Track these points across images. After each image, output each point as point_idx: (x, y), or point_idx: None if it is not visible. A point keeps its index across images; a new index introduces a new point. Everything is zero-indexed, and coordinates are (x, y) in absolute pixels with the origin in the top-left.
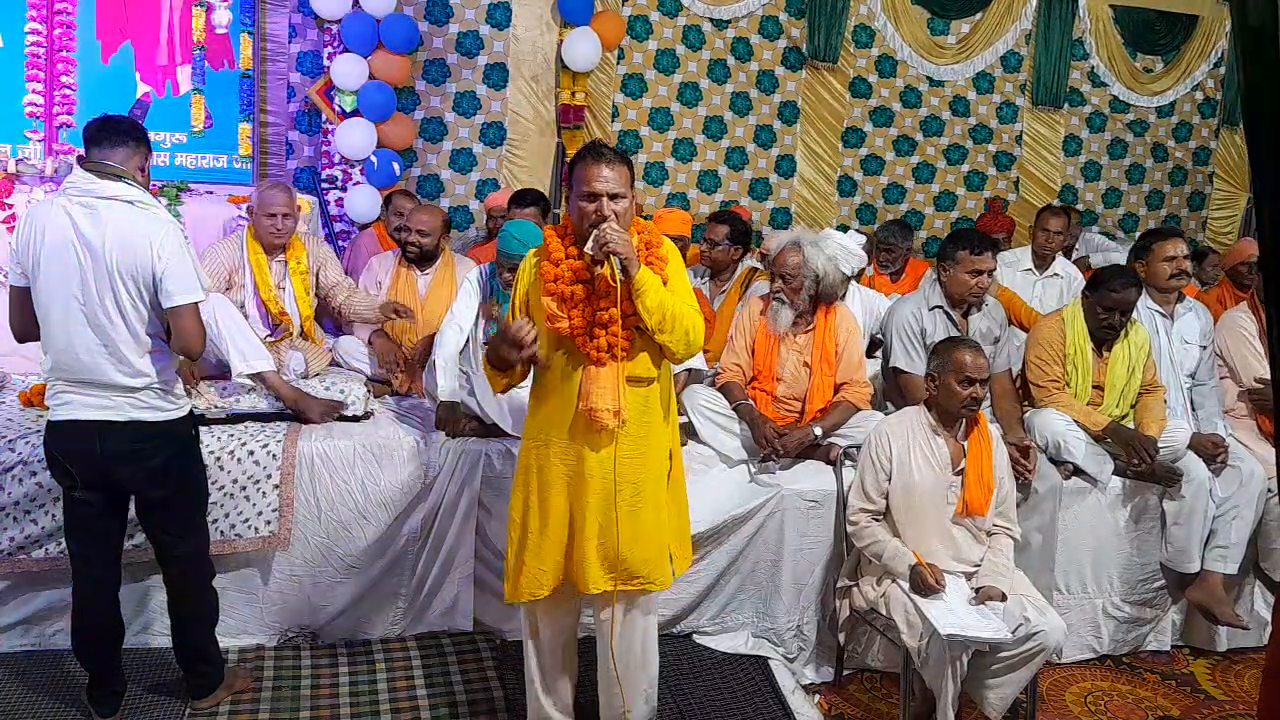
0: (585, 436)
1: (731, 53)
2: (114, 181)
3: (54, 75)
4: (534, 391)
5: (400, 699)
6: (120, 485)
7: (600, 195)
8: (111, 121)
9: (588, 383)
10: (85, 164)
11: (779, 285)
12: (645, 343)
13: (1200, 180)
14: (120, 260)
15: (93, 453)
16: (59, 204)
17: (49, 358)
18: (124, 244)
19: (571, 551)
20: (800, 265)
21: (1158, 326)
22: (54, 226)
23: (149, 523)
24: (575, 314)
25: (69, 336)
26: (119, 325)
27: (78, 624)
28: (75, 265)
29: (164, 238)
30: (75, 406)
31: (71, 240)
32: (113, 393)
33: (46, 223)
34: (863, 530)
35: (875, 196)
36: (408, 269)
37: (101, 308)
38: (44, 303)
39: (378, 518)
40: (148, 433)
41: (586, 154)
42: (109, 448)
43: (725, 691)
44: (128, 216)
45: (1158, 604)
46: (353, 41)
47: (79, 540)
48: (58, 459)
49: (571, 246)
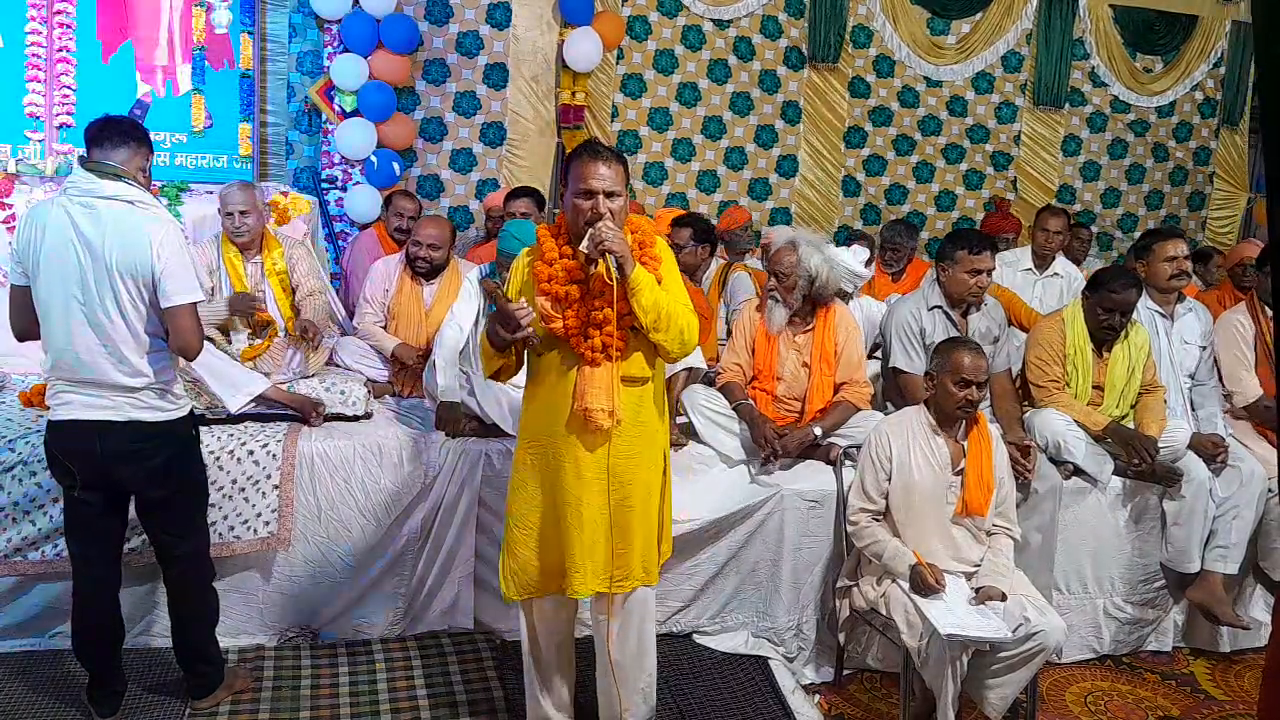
0: (580, 436)
1: (733, 52)
2: (114, 181)
3: (54, 75)
4: (528, 392)
5: (400, 699)
6: (120, 485)
7: (596, 193)
8: (113, 122)
9: (582, 383)
10: (86, 164)
11: (773, 283)
12: (640, 342)
13: (1200, 180)
14: (120, 260)
15: (93, 452)
16: (59, 203)
17: (49, 357)
18: (124, 243)
19: (564, 554)
20: (795, 265)
21: (1158, 327)
22: (54, 226)
23: (149, 523)
24: (569, 314)
25: (69, 336)
26: (119, 324)
27: (78, 624)
28: (75, 264)
29: (164, 237)
30: (75, 406)
31: (71, 239)
32: (113, 392)
33: (47, 222)
34: (863, 530)
35: (878, 197)
36: (413, 279)
37: (101, 307)
38: (44, 302)
39: (378, 518)
40: (147, 433)
41: (583, 152)
42: (109, 447)
43: (725, 691)
44: (128, 216)
45: (1159, 604)
46: (353, 41)
47: (79, 540)
48: (58, 458)
49: (565, 245)
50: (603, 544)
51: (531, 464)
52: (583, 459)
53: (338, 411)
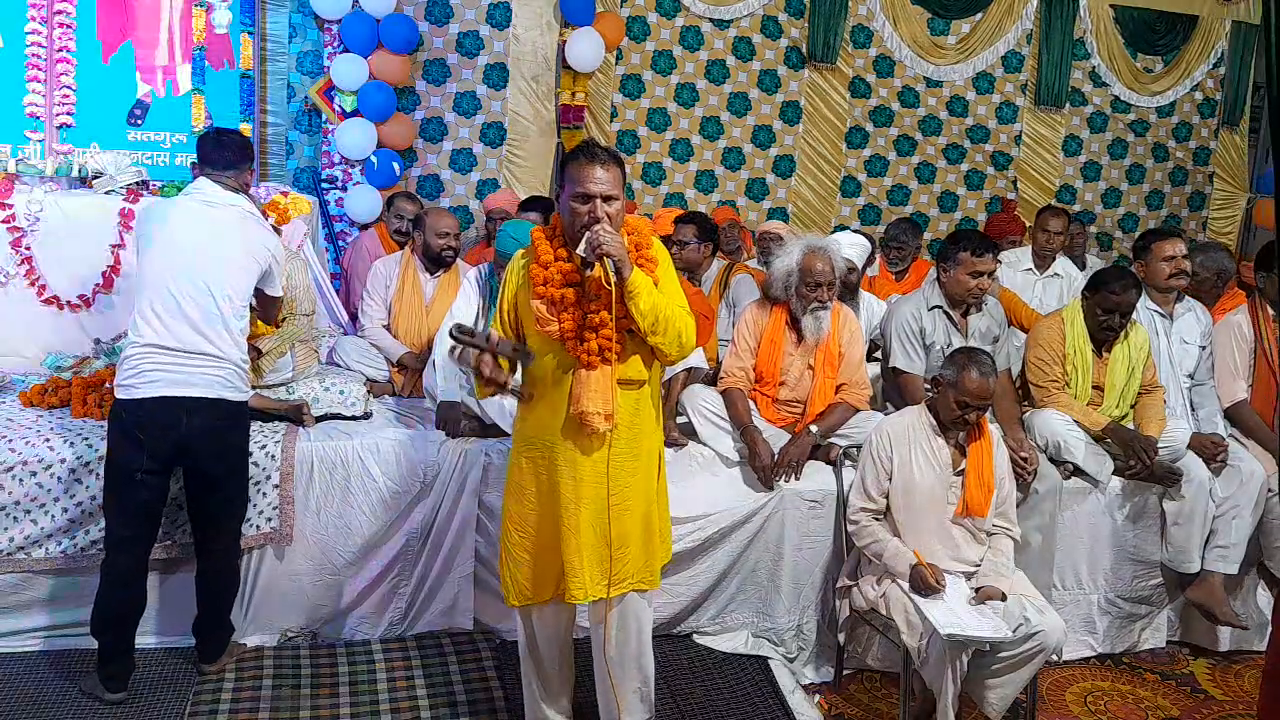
0: (577, 440)
1: (733, 52)
2: (231, 193)
3: (54, 75)
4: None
5: (400, 699)
6: (192, 461)
7: (594, 197)
8: (224, 139)
9: (579, 386)
10: (208, 175)
11: (817, 294)
12: (636, 345)
13: (1200, 180)
14: (233, 255)
15: (176, 426)
16: (183, 202)
17: (144, 333)
18: (241, 242)
19: (563, 559)
20: (832, 271)
21: (1157, 327)
22: (179, 216)
23: (208, 500)
24: (565, 317)
25: (174, 316)
26: (224, 310)
27: (104, 600)
28: (192, 252)
29: (277, 246)
30: (163, 384)
31: (191, 229)
32: (204, 368)
33: (171, 212)
34: (863, 530)
35: (880, 197)
36: (417, 272)
37: (209, 294)
38: (154, 282)
39: (378, 518)
40: (229, 411)
41: (580, 154)
42: (195, 424)
43: (725, 691)
44: (242, 220)
45: (1155, 601)
46: (353, 41)
47: (128, 522)
48: (135, 437)
49: (561, 248)
50: (601, 548)
51: (527, 468)
52: (580, 462)
53: (337, 411)
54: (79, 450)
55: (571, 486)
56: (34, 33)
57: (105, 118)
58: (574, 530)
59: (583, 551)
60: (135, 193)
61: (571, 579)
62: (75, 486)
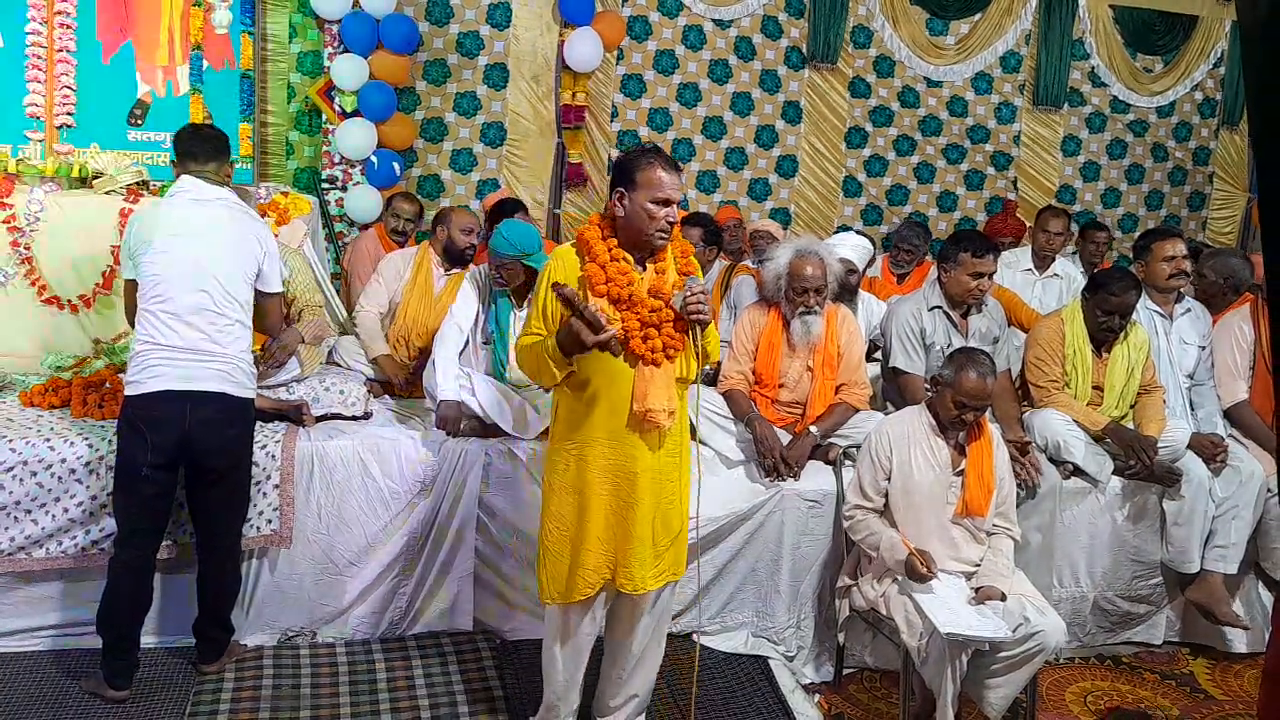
0: (634, 436)
1: (734, 52)
2: (217, 187)
3: (54, 75)
4: (565, 394)
5: (400, 698)
6: (195, 456)
7: (674, 202)
8: (203, 132)
9: (643, 384)
10: (191, 171)
11: (804, 299)
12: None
13: (1200, 180)
14: (228, 250)
15: (180, 421)
16: (172, 202)
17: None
18: (235, 236)
19: (619, 552)
20: (822, 275)
21: (1157, 327)
22: (173, 218)
23: (210, 496)
24: (629, 315)
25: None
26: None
27: (111, 595)
28: (191, 252)
29: (267, 236)
30: (168, 379)
31: (187, 229)
32: (208, 365)
33: (163, 214)
34: (858, 523)
35: (880, 197)
36: (432, 265)
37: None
38: (157, 282)
39: (378, 517)
40: (232, 406)
41: (655, 160)
42: (198, 417)
43: (725, 691)
44: (233, 215)
45: (1153, 600)
46: (353, 42)
47: (136, 517)
48: (141, 432)
49: (617, 247)
50: (657, 540)
51: (574, 466)
52: (640, 458)
53: (337, 411)
54: (79, 450)
55: (628, 481)
56: (34, 33)
57: (105, 118)
58: (632, 522)
59: (643, 545)
60: (135, 193)
61: (633, 569)
62: (75, 486)
